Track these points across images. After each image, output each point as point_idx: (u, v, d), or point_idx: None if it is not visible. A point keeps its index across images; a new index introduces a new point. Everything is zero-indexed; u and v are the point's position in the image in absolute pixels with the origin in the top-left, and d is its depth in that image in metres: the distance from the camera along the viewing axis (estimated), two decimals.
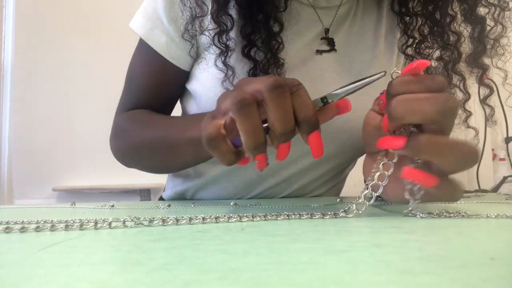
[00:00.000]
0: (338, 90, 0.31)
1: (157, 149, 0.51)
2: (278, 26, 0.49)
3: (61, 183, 2.10)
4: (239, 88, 0.32)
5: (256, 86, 0.30)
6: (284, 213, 0.30)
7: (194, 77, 0.55)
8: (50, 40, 2.17)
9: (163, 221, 0.28)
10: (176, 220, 0.28)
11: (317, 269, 0.15)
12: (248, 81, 0.31)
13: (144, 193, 2.12)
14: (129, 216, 0.29)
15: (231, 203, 0.45)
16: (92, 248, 0.20)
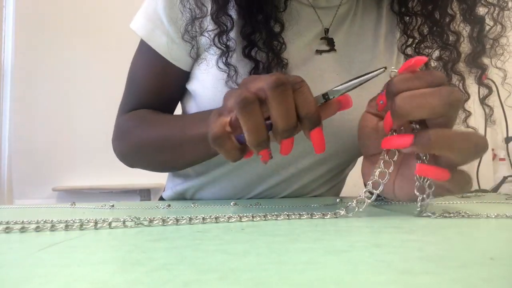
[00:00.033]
0: (339, 87, 0.32)
1: (165, 147, 0.51)
2: (279, 26, 0.49)
3: (61, 183, 2.10)
4: (243, 86, 0.32)
5: (259, 84, 0.30)
6: (284, 213, 0.30)
7: (194, 77, 0.55)
8: (50, 40, 2.17)
9: (163, 221, 0.28)
10: (176, 220, 0.28)
11: (317, 269, 0.15)
12: (252, 79, 0.32)
13: (144, 193, 2.13)
14: (129, 216, 0.29)
15: (231, 203, 0.45)
16: (92, 248, 0.20)
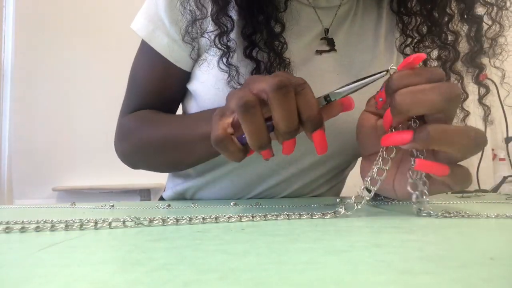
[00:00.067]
0: (341, 89, 0.32)
1: (168, 147, 0.51)
2: (279, 27, 0.49)
3: (61, 183, 2.11)
4: (246, 86, 0.32)
5: (262, 85, 0.30)
6: (284, 213, 0.30)
7: (195, 77, 0.55)
8: (50, 40, 2.17)
9: (163, 221, 0.28)
10: (176, 220, 0.28)
11: (317, 269, 0.15)
12: (255, 80, 0.32)
13: (144, 193, 2.13)
14: (129, 216, 0.29)
15: (231, 203, 0.45)
16: (92, 248, 0.20)
